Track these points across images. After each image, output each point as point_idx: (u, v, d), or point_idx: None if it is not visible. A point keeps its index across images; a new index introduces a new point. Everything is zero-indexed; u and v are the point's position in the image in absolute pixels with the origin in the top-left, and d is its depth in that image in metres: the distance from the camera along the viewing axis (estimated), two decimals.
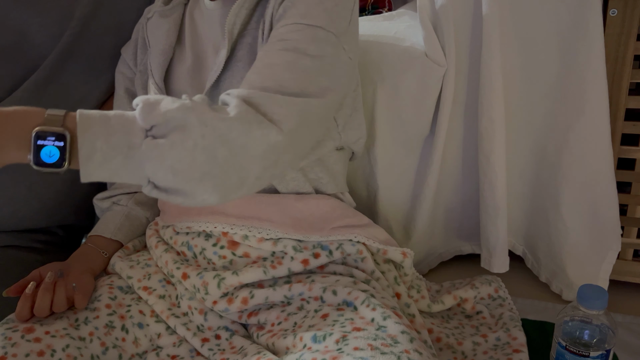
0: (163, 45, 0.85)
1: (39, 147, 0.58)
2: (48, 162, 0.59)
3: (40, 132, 0.58)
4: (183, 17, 0.88)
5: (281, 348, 0.70)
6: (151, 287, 0.82)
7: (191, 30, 0.86)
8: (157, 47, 0.86)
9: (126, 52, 0.95)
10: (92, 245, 0.89)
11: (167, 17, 0.87)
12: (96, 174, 0.60)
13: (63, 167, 0.59)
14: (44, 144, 0.58)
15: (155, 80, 0.84)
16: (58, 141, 0.58)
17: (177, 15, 0.87)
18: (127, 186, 0.96)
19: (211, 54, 0.83)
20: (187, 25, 0.87)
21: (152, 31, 0.88)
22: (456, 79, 1.02)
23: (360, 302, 0.70)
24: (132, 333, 0.78)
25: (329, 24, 0.73)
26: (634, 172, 1.05)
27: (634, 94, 1.01)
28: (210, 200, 0.62)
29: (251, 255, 0.80)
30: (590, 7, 0.91)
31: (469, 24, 1.01)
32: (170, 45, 0.86)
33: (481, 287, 0.99)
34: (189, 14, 0.87)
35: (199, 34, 0.85)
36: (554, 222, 1.06)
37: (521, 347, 0.86)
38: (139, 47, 0.92)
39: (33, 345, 0.69)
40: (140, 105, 0.61)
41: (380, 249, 0.85)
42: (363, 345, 0.61)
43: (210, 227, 0.81)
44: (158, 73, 0.84)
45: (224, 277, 0.76)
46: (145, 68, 0.90)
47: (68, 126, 0.59)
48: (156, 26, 0.87)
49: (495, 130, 1.01)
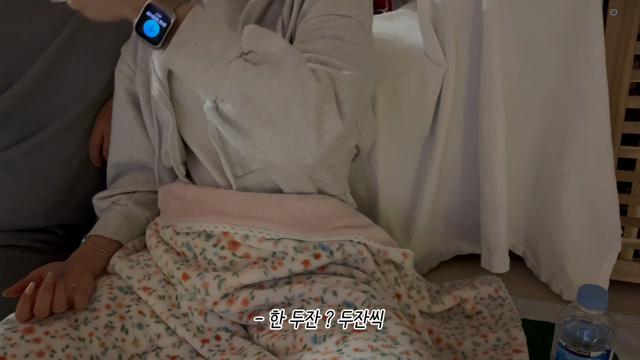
0: None
1: (145, 18, 0.63)
2: (147, 34, 0.64)
3: (152, 5, 0.63)
4: None
5: (281, 349, 0.70)
6: (151, 287, 0.82)
7: None
8: None
9: (126, 51, 0.95)
10: (92, 245, 0.89)
11: None
12: (177, 63, 0.64)
13: (157, 45, 0.64)
14: (150, 17, 0.63)
15: (159, 77, 0.83)
16: (162, 21, 0.63)
17: None
18: (126, 186, 0.96)
19: None
20: None
21: None
22: (456, 79, 1.02)
23: (360, 303, 0.70)
24: (131, 333, 0.78)
25: (358, 14, 0.74)
26: (634, 172, 1.05)
27: (634, 94, 1.01)
28: (256, 151, 0.64)
29: (251, 256, 0.80)
30: (590, 7, 0.91)
31: (469, 23, 1.01)
32: None
33: (481, 287, 0.99)
34: None
35: None
36: (554, 222, 1.06)
37: (521, 347, 0.86)
38: (139, 44, 0.92)
39: (32, 346, 0.69)
40: (250, 30, 0.64)
41: (380, 250, 0.85)
42: (363, 347, 0.61)
43: (211, 227, 0.80)
44: (161, 70, 0.84)
45: (225, 278, 0.76)
46: (146, 65, 0.90)
47: (179, 12, 0.63)
48: None
49: (496, 130, 1.01)
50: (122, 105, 0.94)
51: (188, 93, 0.83)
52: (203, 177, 0.87)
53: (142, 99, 0.90)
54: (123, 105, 0.94)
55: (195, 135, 0.85)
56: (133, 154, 0.96)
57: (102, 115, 1.02)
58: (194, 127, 0.84)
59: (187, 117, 0.85)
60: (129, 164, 0.97)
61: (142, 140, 0.95)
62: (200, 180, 0.87)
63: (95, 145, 1.01)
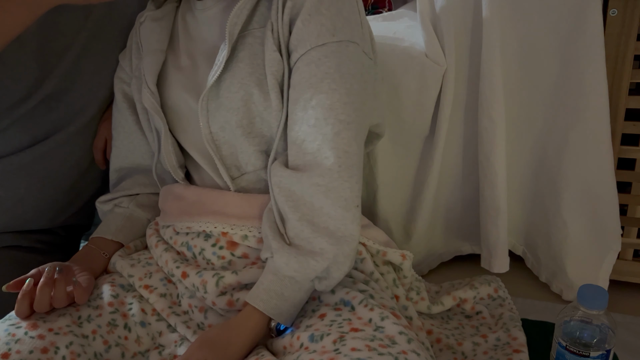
0: (155, 49, 0.85)
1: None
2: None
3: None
4: (175, 21, 0.88)
5: (279, 348, 0.70)
6: (152, 285, 0.83)
7: (185, 33, 0.86)
8: (149, 50, 0.86)
9: (123, 59, 0.95)
10: (93, 247, 0.89)
11: (158, 20, 0.87)
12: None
13: None
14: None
15: (148, 84, 0.84)
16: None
17: (169, 19, 0.88)
18: (128, 188, 0.96)
19: (206, 56, 0.83)
20: (180, 29, 0.87)
21: (144, 35, 0.88)
22: (456, 79, 1.02)
23: (358, 301, 0.70)
24: (134, 332, 0.78)
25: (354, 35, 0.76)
26: (634, 172, 1.05)
27: (634, 94, 1.01)
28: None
29: (250, 256, 0.80)
30: (590, 7, 0.91)
31: (469, 24, 1.01)
32: (162, 48, 0.86)
33: (480, 287, 0.99)
34: (181, 17, 0.88)
35: (192, 36, 0.85)
36: (554, 222, 1.06)
37: (521, 347, 0.86)
38: (134, 52, 0.92)
39: (36, 342, 0.69)
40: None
41: (380, 251, 0.85)
42: (360, 346, 0.61)
43: (210, 227, 0.81)
44: (150, 77, 0.84)
45: (223, 276, 0.76)
46: (139, 73, 0.90)
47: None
48: (149, 30, 0.87)
49: (496, 130, 1.01)
50: (122, 111, 0.95)
51: (180, 99, 0.83)
52: (204, 177, 0.87)
53: (139, 105, 0.91)
54: (123, 111, 0.95)
55: (191, 140, 0.85)
56: (134, 158, 0.96)
57: (105, 119, 1.02)
58: (188, 131, 0.85)
59: (181, 122, 0.85)
60: (130, 168, 0.97)
61: (143, 145, 0.95)
62: (202, 181, 0.88)
63: (100, 149, 1.01)
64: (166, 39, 0.86)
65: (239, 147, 0.80)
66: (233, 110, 0.78)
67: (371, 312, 0.68)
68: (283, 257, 0.70)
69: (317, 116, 0.72)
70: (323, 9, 0.74)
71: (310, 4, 0.74)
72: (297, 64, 0.75)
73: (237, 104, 0.77)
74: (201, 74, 0.82)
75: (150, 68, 0.84)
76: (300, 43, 0.75)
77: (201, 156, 0.84)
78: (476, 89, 1.02)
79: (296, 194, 0.72)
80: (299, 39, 0.75)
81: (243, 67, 0.77)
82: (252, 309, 0.71)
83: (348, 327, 0.66)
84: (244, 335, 0.70)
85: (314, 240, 0.70)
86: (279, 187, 0.73)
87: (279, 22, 0.76)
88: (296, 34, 0.75)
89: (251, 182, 0.82)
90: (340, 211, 0.70)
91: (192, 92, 0.82)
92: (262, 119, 0.78)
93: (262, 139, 0.79)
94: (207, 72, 0.81)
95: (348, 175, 0.71)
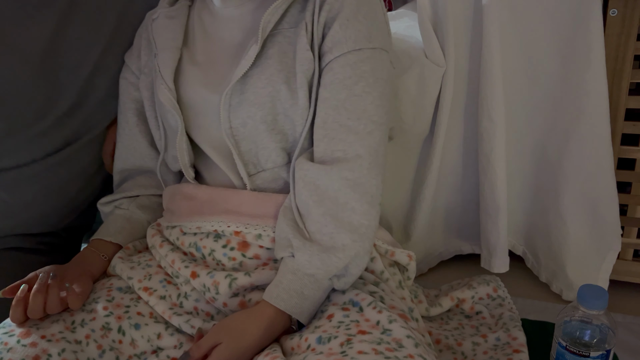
0: (171, 46, 0.85)
1: None
2: None
3: None
4: (189, 19, 0.89)
5: (287, 348, 0.70)
6: (152, 287, 0.82)
7: (201, 31, 0.86)
8: (164, 47, 0.86)
9: (129, 57, 0.95)
10: (93, 249, 0.88)
11: (173, 18, 0.87)
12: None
13: None
14: None
15: (165, 81, 0.83)
16: None
17: (183, 17, 0.88)
18: (129, 190, 0.96)
19: (224, 54, 0.83)
20: (197, 26, 0.87)
21: (158, 33, 0.88)
22: (456, 79, 1.02)
23: (367, 303, 0.70)
24: (128, 335, 0.77)
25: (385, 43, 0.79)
26: (634, 172, 1.05)
27: (634, 94, 1.01)
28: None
29: (261, 257, 0.80)
30: (590, 7, 0.91)
31: (469, 24, 1.01)
32: (178, 45, 0.86)
33: (479, 287, 0.99)
34: (197, 15, 0.88)
35: (209, 34, 0.85)
36: (554, 222, 1.06)
37: (521, 347, 0.86)
38: (143, 48, 0.92)
39: (29, 350, 0.69)
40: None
41: (388, 251, 0.85)
42: (367, 349, 0.61)
43: (223, 227, 0.80)
44: (168, 74, 0.84)
45: (236, 277, 0.76)
46: (150, 70, 0.90)
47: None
48: (163, 27, 0.87)
49: (495, 130, 1.01)
50: (125, 112, 0.95)
51: (197, 94, 0.83)
52: (216, 176, 0.86)
53: (147, 103, 0.90)
54: (125, 112, 0.95)
55: (207, 136, 0.85)
56: (135, 160, 0.96)
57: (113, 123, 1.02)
58: (205, 127, 0.84)
59: (197, 119, 0.85)
60: (132, 169, 0.97)
61: (144, 147, 0.95)
62: (213, 180, 0.87)
63: (109, 153, 1.02)
64: (181, 36, 0.86)
65: (260, 143, 0.80)
66: (258, 106, 0.78)
67: (379, 315, 0.68)
68: (305, 255, 0.71)
69: (350, 116, 0.75)
70: (360, 17, 0.77)
71: (349, 10, 0.76)
72: (331, 65, 0.77)
73: (264, 99, 0.78)
74: (219, 70, 0.82)
75: (166, 64, 0.84)
76: (336, 45, 0.77)
77: (216, 153, 0.84)
78: (476, 89, 1.02)
79: (320, 188, 0.74)
80: (334, 41, 0.77)
81: (272, 64, 0.78)
82: (267, 304, 0.72)
83: (355, 329, 0.66)
84: (260, 327, 0.71)
85: (337, 236, 0.72)
86: (304, 181, 0.75)
87: (314, 23, 0.77)
88: (332, 37, 0.77)
89: (266, 181, 0.82)
90: (366, 206, 0.73)
91: (209, 87, 0.82)
92: (286, 115, 0.78)
93: (284, 136, 0.80)
94: (225, 68, 0.82)
95: (376, 173, 0.75)
